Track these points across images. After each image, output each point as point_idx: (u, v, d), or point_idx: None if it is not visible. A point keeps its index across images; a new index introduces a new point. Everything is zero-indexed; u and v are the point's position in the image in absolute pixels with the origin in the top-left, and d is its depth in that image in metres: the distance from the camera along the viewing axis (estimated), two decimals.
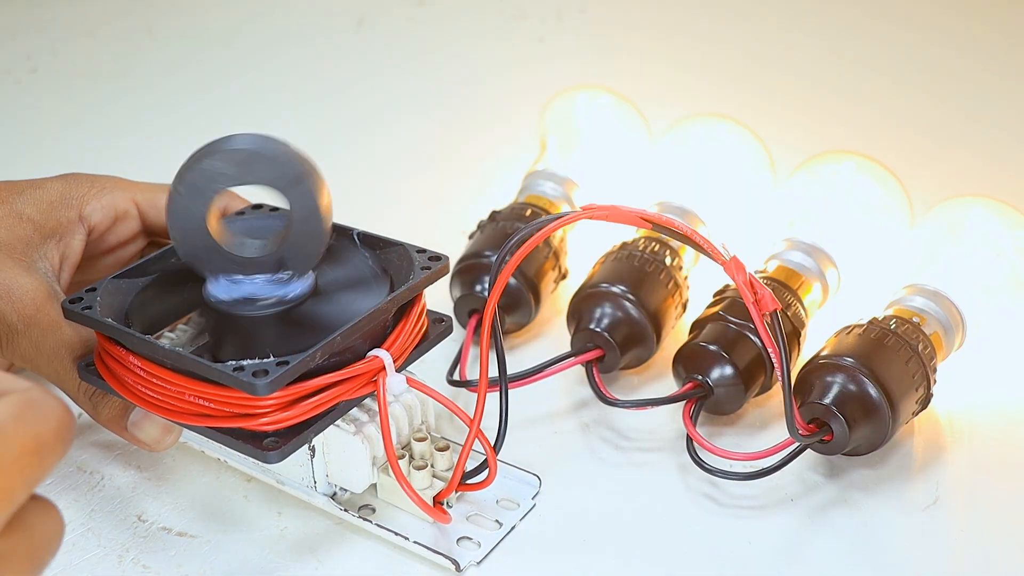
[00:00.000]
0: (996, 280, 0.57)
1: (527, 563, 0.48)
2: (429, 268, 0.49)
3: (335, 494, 0.50)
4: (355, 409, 0.48)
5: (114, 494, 0.52)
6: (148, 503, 0.51)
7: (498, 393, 0.48)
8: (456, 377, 0.56)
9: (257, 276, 0.47)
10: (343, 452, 0.48)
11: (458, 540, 0.48)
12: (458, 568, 0.47)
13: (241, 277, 0.47)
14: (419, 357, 0.50)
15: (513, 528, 0.49)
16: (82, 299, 0.48)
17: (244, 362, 0.43)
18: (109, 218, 0.55)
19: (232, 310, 0.47)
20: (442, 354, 0.58)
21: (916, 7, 1.11)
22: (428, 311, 0.51)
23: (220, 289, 0.47)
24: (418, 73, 1.01)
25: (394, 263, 0.51)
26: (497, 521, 0.49)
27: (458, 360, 0.57)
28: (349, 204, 0.55)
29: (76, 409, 0.57)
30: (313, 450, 0.48)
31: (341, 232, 0.52)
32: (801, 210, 0.62)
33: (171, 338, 0.50)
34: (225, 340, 0.47)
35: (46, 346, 0.49)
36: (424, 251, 0.50)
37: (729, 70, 1.00)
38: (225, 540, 0.49)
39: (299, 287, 0.48)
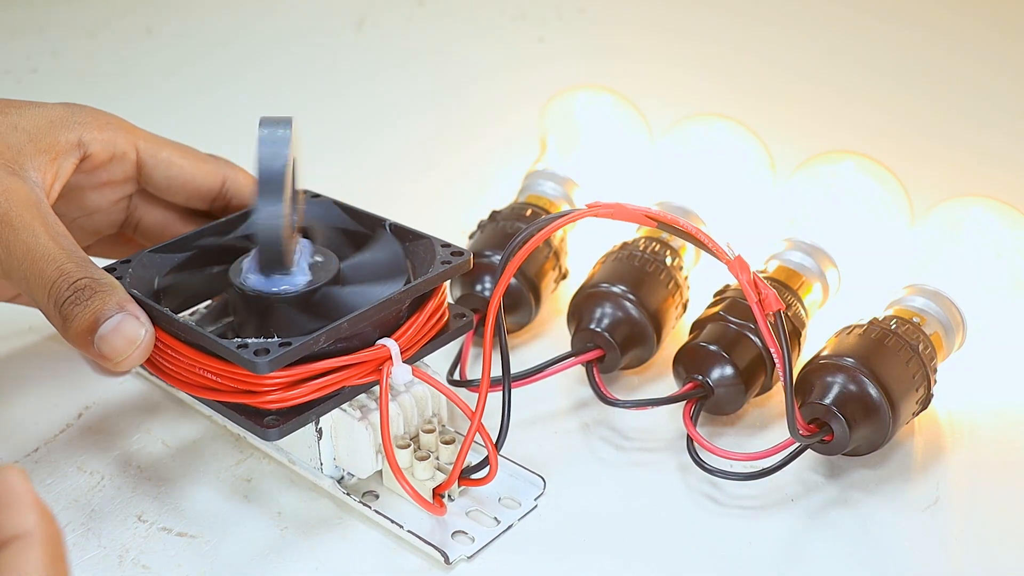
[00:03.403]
0: (996, 280, 0.57)
1: (526, 562, 0.48)
2: (449, 263, 0.50)
3: (343, 478, 0.50)
4: (364, 395, 0.49)
5: (114, 494, 0.52)
6: (148, 503, 0.51)
7: (500, 392, 0.48)
8: (456, 376, 0.56)
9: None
10: (349, 437, 0.49)
11: (453, 534, 0.49)
12: (447, 561, 0.47)
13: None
14: (436, 350, 0.51)
15: (511, 527, 0.49)
16: (115, 269, 0.50)
17: (249, 340, 0.44)
18: (107, 153, 0.54)
19: (257, 292, 0.48)
20: (443, 353, 0.58)
21: (916, 7, 1.11)
22: (450, 305, 0.52)
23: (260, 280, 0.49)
24: (418, 73, 1.01)
25: (419, 255, 0.52)
26: (495, 518, 0.49)
27: (459, 359, 0.57)
28: (349, 203, 0.55)
29: (69, 414, 0.57)
30: (320, 433, 0.49)
31: (375, 222, 0.54)
32: (801, 210, 0.62)
33: (202, 313, 0.52)
34: (249, 320, 0.49)
35: (17, 248, 0.48)
36: (448, 245, 0.51)
37: (729, 70, 1.00)
38: (225, 540, 0.49)
39: (293, 281, 0.49)
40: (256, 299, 0.48)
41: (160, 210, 0.58)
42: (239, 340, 0.45)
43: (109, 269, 0.50)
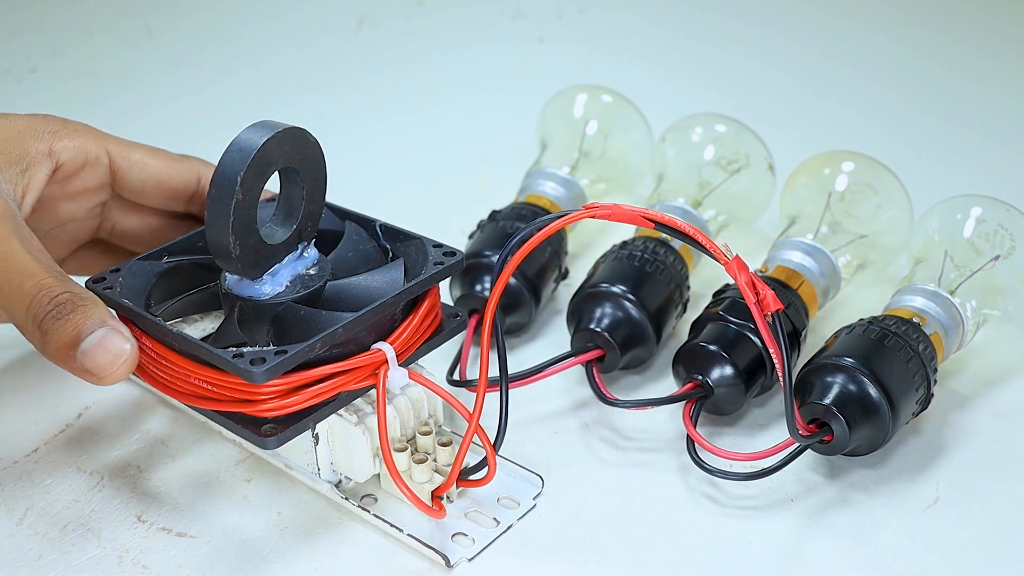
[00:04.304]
0: (996, 280, 0.57)
1: (525, 562, 0.48)
2: (442, 263, 0.50)
3: (340, 482, 0.50)
4: (360, 399, 0.48)
5: (114, 494, 0.52)
6: (148, 503, 0.51)
7: (498, 392, 0.48)
8: (456, 377, 0.56)
9: (286, 258, 0.49)
10: (346, 442, 0.49)
11: (453, 536, 0.49)
12: (448, 564, 0.47)
13: (276, 269, 0.49)
14: (430, 351, 0.51)
15: (510, 527, 0.49)
16: (105, 279, 0.49)
17: (244, 349, 0.44)
18: (79, 160, 0.53)
19: (226, 290, 0.48)
20: (442, 354, 0.58)
21: (916, 7, 1.11)
22: (443, 305, 0.52)
23: (257, 289, 0.49)
24: (418, 73, 1.01)
25: (411, 256, 0.51)
26: (495, 519, 0.49)
27: (458, 360, 0.57)
28: (349, 204, 0.55)
29: (69, 414, 0.57)
30: (317, 438, 0.49)
31: (364, 223, 0.54)
32: (801, 210, 0.62)
33: (196, 319, 0.51)
34: (243, 326, 0.48)
35: None
36: (440, 246, 0.51)
37: (729, 70, 1.00)
38: (225, 540, 0.49)
39: (311, 258, 0.50)
40: (228, 297, 0.49)
41: (136, 215, 0.57)
42: (234, 350, 0.45)
43: (99, 279, 0.49)
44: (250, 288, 0.48)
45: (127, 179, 0.55)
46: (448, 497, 0.50)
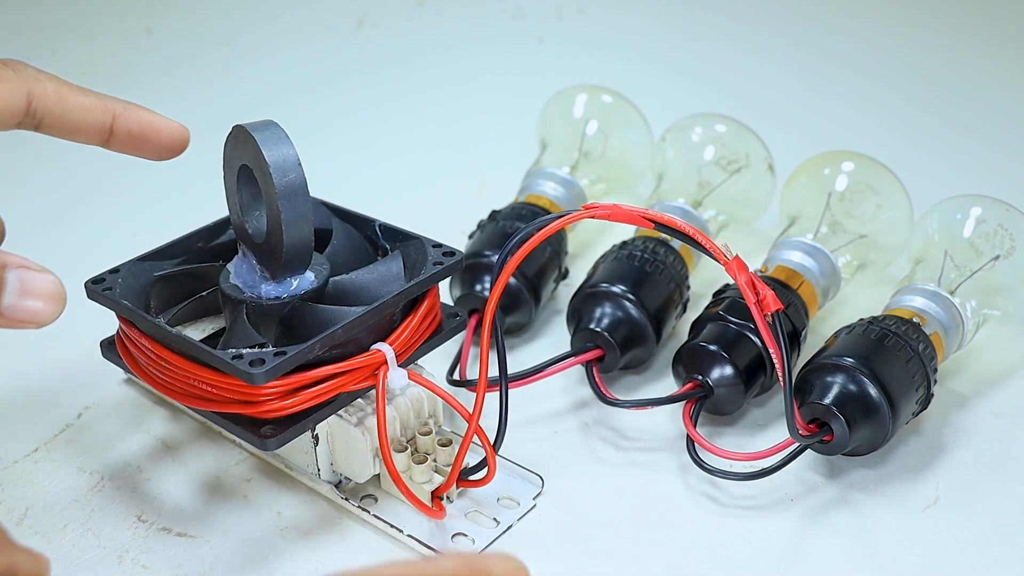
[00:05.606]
0: (996, 280, 0.57)
1: (526, 562, 0.48)
2: (441, 263, 0.50)
3: (340, 483, 0.50)
4: (360, 400, 0.48)
5: (114, 494, 0.52)
6: (148, 503, 0.51)
7: (498, 392, 0.48)
8: (456, 377, 0.56)
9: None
10: (345, 442, 0.49)
11: (453, 536, 0.49)
12: None
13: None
14: (430, 351, 0.51)
15: (510, 527, 0.49)
16: (104, 280, 0.50)
17: (243, 350, 0.44)
18: None
19: (250, 299, 0.48)
20: (443, 354, 0.58)
21: (916, 7, 1.11)
22: (443, 305, 0.52)
23: (271, 288, 0.49)
24: (418, 73, 1.01)
25: (411, 256, 0.51)
26: (495, 519, 0.49)
27: (458, 360, 0.57)
28: (349, 204, 0.55)
29: (69, 414, 0.57)
30: (317, 439, 0.49)
31: (364, 223, 0.54)
32: (801, 210, 0.62)
33: (177, 313, 0.51)
34: (238, 328, 0.48)
35: None
36: (440, 246, 0.51)
37: (729, 70, 1.00)
38: (225, 540, 0.49)
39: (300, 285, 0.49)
40: (272, 306, 0.48)
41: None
42: (233, 351, 0.44)
43: (98, 280, 0.50)
44: (276, 288, 0.48)
45: (50, 126, 0.50)
46: (448, 497, 0.50)
